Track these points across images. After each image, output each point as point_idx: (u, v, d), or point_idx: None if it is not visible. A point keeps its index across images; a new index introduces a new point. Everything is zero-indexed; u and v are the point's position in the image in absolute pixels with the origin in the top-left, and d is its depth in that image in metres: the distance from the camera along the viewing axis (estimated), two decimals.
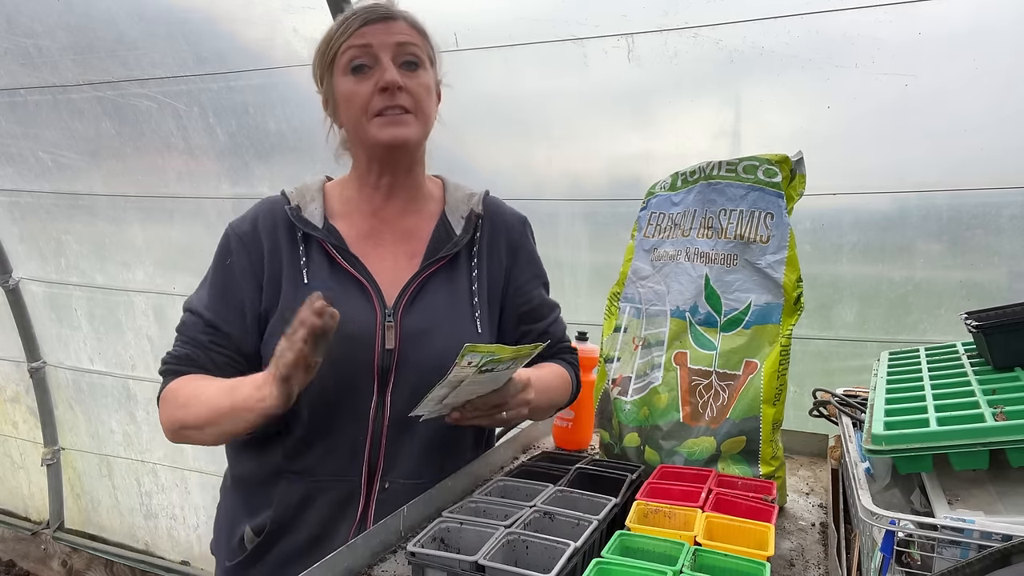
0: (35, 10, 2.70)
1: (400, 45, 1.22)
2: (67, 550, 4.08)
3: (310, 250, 1.28)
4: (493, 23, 2.19)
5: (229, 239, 1.30)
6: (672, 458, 1.24)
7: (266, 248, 1.27)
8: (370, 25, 1.22)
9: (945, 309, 2.04)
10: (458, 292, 1.33)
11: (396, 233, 1.34)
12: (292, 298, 1.23)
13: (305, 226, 1.27)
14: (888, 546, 0.85)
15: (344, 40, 1.22)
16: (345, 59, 1.22)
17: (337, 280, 1.26)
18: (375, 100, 1.21)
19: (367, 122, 1.22)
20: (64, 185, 3.26)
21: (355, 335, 1.22)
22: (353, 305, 1.24)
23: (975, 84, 1.83)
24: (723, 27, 1.96)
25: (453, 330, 1.29)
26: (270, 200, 1.34)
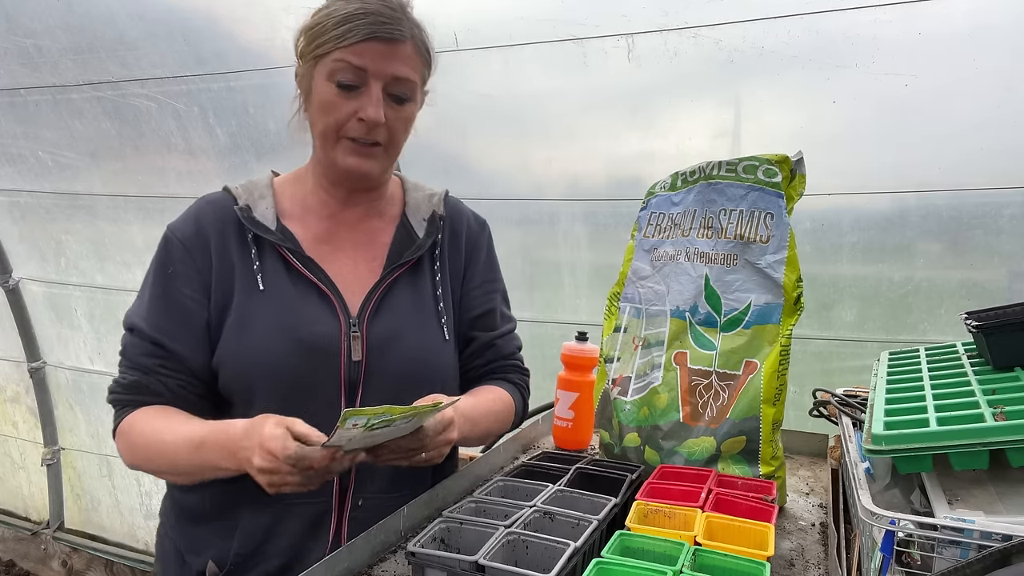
0: (35, 10, 2.70)
1: (396, 79, 1.13)
2: (67, 550, 4.08)
3: (263, 254, 1.18)
4: (493, 23, 2.19)
5: (170, 244, 1.18)
6: (672, 458, 1.24)
7: (214, 252, 1.17)
8: (373, 43, 1.09)
9: (945, 309, 2.04)
10: (423, 297, 1.27)
11: (355, 237, 1.26)
12: (246, 307, 1.15)
13: (257, 228, 1.17)
14: (888, 546, 0.85)
15: (339, 46, 1.09)
16: (333, 67, 1.11)
17: (296, 287, 1.17)
18: (351, 125, 1.13)
19: (335, 142, 1.15)
20: (64, 185, 3.26)
21: (319, 347, 1.15)
22: (315, 315, 1.17)
23: (975, 84, 1.83)
24: (723, 27, 1.97)
25: (421, 337, 1.24)
26: (213, 198, 1.23)
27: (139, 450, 1.13)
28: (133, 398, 1.15)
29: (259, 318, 1.14)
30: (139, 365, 1.15)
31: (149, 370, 1.14)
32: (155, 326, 1.15)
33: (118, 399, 1.17)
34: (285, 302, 1.16)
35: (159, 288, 1.17)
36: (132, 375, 1.15)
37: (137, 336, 1.16)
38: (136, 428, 1.14)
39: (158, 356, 1.14)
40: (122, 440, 1.16)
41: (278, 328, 1.14)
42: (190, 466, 1.09)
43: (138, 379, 1.15)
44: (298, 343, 1.14)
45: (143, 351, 1.15)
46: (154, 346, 1.14)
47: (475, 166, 2.58)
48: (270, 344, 1.13)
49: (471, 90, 2.34)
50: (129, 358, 1.16)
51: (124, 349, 1.18)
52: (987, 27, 1.80)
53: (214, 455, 1.05)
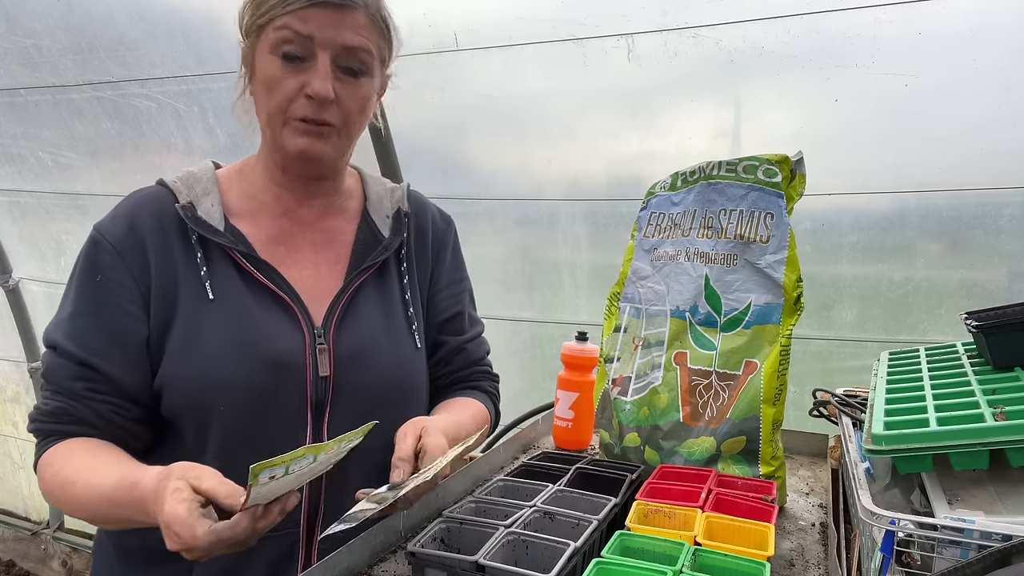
0: (35, 10, 2.70)
1: (348, 50, 1.00)
2: (67, 550, 4.08)
3: (210, 258, 1.04)
4: (493, 23, 2.19)
5: (98, 247, 1.03)
6: (672, 458, 1.24)
7: (152, 256, 1.03)
8: (320, 8, 0.97)
9: (945, 309, 2.04)
10: (391, 303, 1.16)
11: (313, 236, 1.14)
12: (194, 319, 1.02)
13: (202, 228, 1.03)
14: (888, 546, 0.85)
15: (281, 13, 0.97)
16: (275, 37, 0.98)
17: (251, 295, 1.04)
18: (298, 103, 1.00)
19: (282, 124, 1.02)
20: (64, 185, 3.26)
21: (282, 363, 1.03)
22: (275, 326, 1.04)
23: (975, 84, 1.83)
24: (723, 27, 1.97)
25: (393, 347, 1.14)
26: (146, 194, 1.08)
27: (55, 494, 0.99)
28: (57, 427, 1.00)
29: (211, 332, 1.01)
30: (64, 389, 1.00)
31: (75, 395, 0.99)
32: (82, 344, 1.00)
33: (40, 428, 1.01)
34: (240, 313, 1.03)
35: (86, 300, 1.02)
36: (56, 400, 1.00)
37: (61, 356, 1.00)
38: (51, 469, 0.98)
39: (86, 379, 0.99)
40: (41, 477, 1.01)
41: (234, 343, 1.01)
42: (109, 521, 0.97)
43: (62, 405, 0.99)
44: (259, 360, 1.01)
45: (69, 373, 0.99)
46: (81, 367, 0.99)
47: (475, 166, 2.58)
48: (226, 362, 1.00)
49: (471, 90, 2.34)
50: (53, 381, 1.01)
51: (46, 371, 1.02)
52: (987, 27, 1.80)
53: (128, 513, 0.91)
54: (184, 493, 0.81)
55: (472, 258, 1.44)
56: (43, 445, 1.01)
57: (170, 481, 0.83)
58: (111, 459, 0.98)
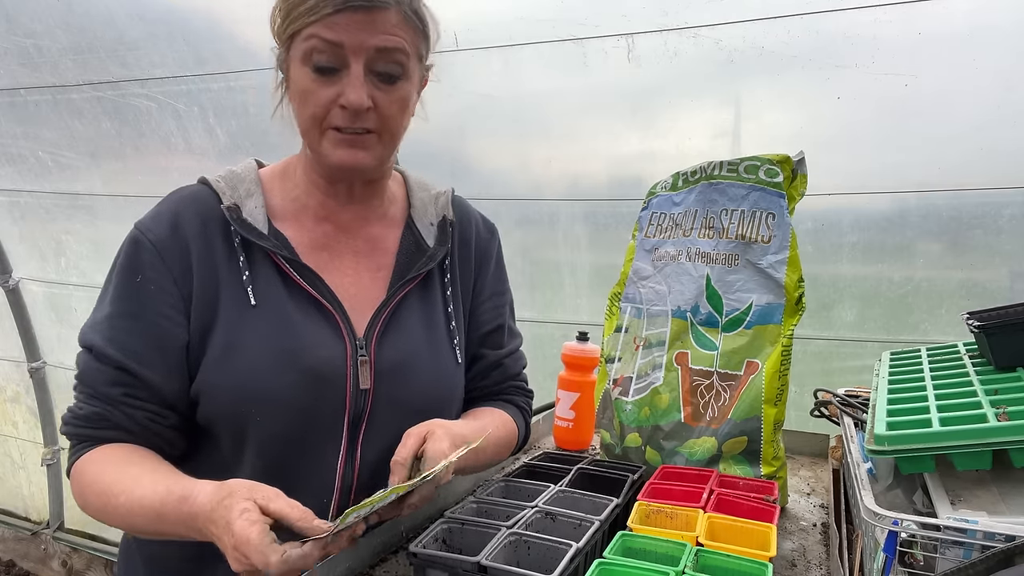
0: (35, 10, 2.70)
1: (381, 53, 0.95)
2: (67, 550, 4.07)
3: (253, 261, 1.01)
4: (493, 23, 2.19)
5: (140, 247, 0.99)
6: (673, 458, 1.24)
7: (195, 259, 0.99)
8: (349, 13, 0.92)
9: (946, 309, 2.04)
10: (434, 315, 1.13)
11: (356, 244, 1.10)
12: (236, 326, 0.99)
13: (247, 231, 1.00)
14: (891, 547, 0.85)
15: (309, 22, 0.93)
16: (306, 47, 0.94)
17: (294, 302, 1.02)
18: (334, 113, 0.96)
19: (319, 134, 0.99)
20: (64, 185, 3.26)
21: (324, 375, 1.00)
22: (318, 336, 1.01)
23: (975, 84, 1.83)
24: (723, 27, 1.97)
25: (433, 362, 1.10)
26: (190, 193, 1.04)
27: (92, 503, 0.97)
28: (93, 432, 0.98)
29: (252, 340, 0.98)
30: (100, 394, 0.97)
31: (112, 400, 0.97)
32: (121, 348, 0.97)
33: (74, 433, 0.99)
34: (283, 320, 1.00)
35: (126, 302, 0.98)
36: (91, 405, 0.97)
37: (97, 359, 0.98)
38: (88, 477, 0.96)
39: (123, 384, 0.97)
40: (75, 484, 0.99)
41: (277, 352, 0.99)
42: (152, 533, 0.93)
43: (99, 410, 0.97)
44: (300, 371, 0.99)
45: (106, 378, 0.97)
46: (119, 372, 0.97)
47: (475, 166, 2.58)
48: (267, 372, 0.98)
49: (471, 90, 2.33)
50: (89, 385, 0.98)
51: (82, 373, 0.99)
52: (987, 27, 1.80)
53: (177, 528, 0.88)
54: (254, 515, 0.79)
55: None
56: (78, 450, 0.99)
57: (235, 501, 0.80)
58: (153, 469, 0.95)
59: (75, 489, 0.99)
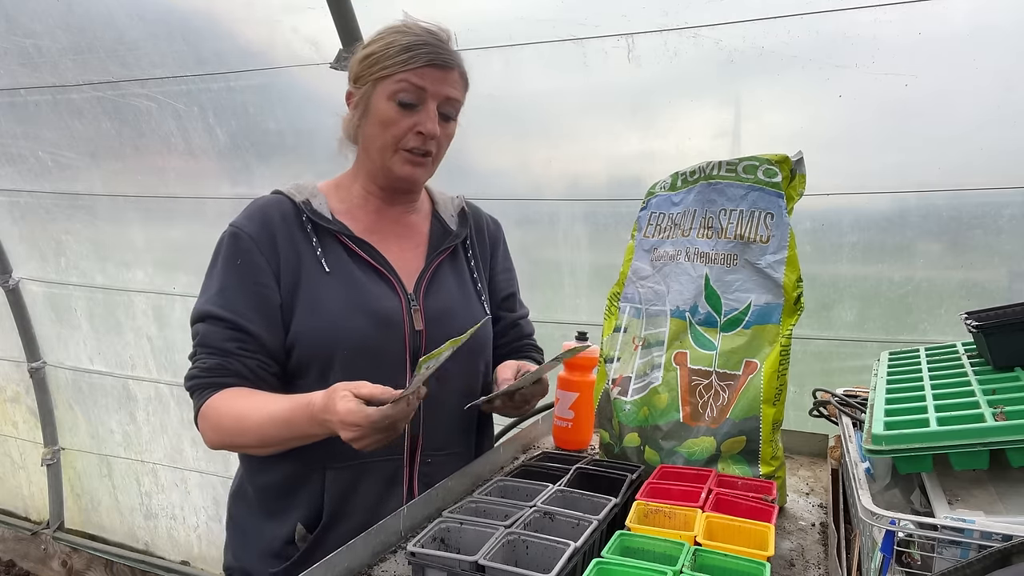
0: (35, 10, 2.70)
1: (447, 100, 1.30)
2: (67, 550, 4.08)
3: (323, 242, 1.32)
4: (493, 23, 2.19)
5: (238, 239, 1.29)
6: (672, 458, 1.24)
7: (280, 244, 1.29)
8: (432, 68, 1.27)
9: (945, 309, 2.04)
10: (463, 278, 1.46)
11: (397, 229, 1.42)
12: (316, 288, 1.28)
13: (318, 218, 1.31)
14: (888, 546, 0.85)
15: (403, 70, 1.26)
16: (396, 88, 1.26)
17: (358, 268, 1.32)
18: (409, 138, 1.29)
19: (392, 153, 1.30)
20: (64, 185, 3.26)
21: (387, 319, 1.30)
22: (379, 291, 1.32)
23: (975, 84, 1.83)
24: (723, 27, 1.97)
25: (468, 310, 1.42)
26: (271, 199, 1.35)
27: (226, 430, 1.23)
28: (214, 380, 1.23)
29: (330, 297, 1.28)
30: (220, 348, 1.24)
31: (229, 352, 1.24)
32: (233, 310, 1.24)
33: (198, 384, 1.25)
34: (351, 281, 1.30)
35: (231, 277, 1.27)
36: (212, 359, 1.24)
37: (213, 323, 1.25)
38: (221, 410, 1.22)
39: (237, 339, 1.24)
40: (206, 422, 1.25)
41: (350, 304, 1.28)
42: (280, 440, 1.20)
43: (219, 362, 1.23)
44: (369, 316, 1.28)
45: (223, 335, 1.24)
46: (233, 330, 1.24)
47: (475, 166, 2.58)
48: (345, 318, 1.27)
49: (471, 90, 2.33)
50: (208, 344, 1.25)
51: (202, 337, 1.25)
52: (987, 27, 1.80)
53: (303, 428, 1.16)
54: (349, 396, 1.08)
55: None
56: (202, 397, 1.24)
57: (336, 393, 1.10)
58: (273, 395, 1.23)
59: (206, 426, 1.25)
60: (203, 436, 1.28)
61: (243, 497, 1.40)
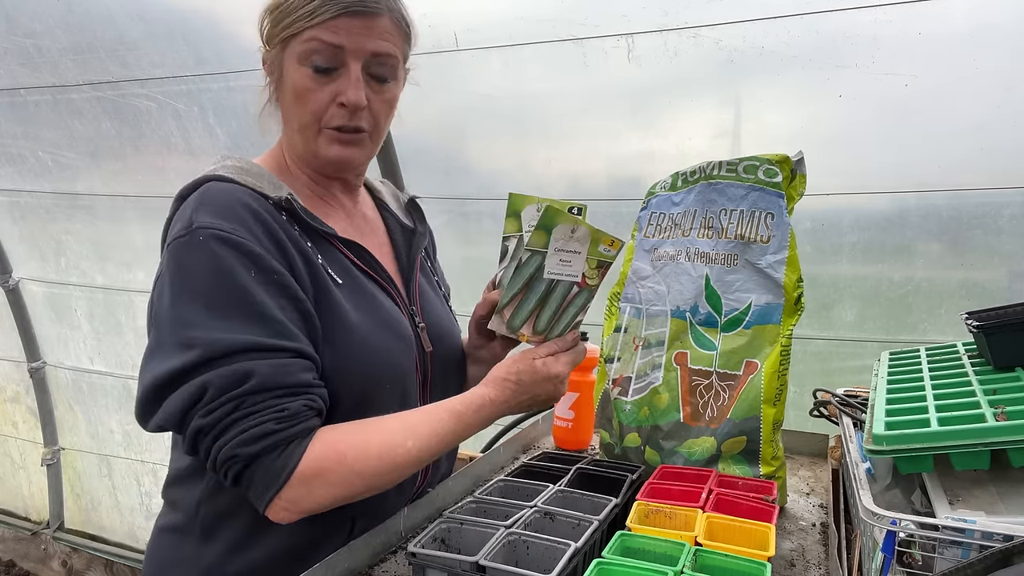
0: (35, 10, 2.70)
1: (376, 56, 1.02)
2: (67, 550, 4.08)
3: (316, 245, 1.04)
4: (493, 23, 2.19)
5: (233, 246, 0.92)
6: (672, 458, 1.24)
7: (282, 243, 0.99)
8: (347, 18, 0.98)
9: (945, 309, 2.04)
10: (433, 285, 1.28)
11: (358, 222, 1.18)
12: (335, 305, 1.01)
13: (311, 219, 1.04)
14: (889, 546, 0.85)
15: (310, 24, 0.98)
16: (305, 48, 0.99)
17: (364, 279, 1.08)
18: (331, 112, 1.02)
19: (316, 132, 1.04)
20: (64, 185, 3.26)
21: (408, 341, 1.10)
22: (391, 307, 1.10)
23: (975, 84, 1.83)
24: (723, 27, 1.97)
25: (453, 324, 1.27)
26: (228, 189, 0.99)
27: (371, 469, 0.94)
28: (300, 428, 0.91)
29: (358, 317, 1.02)
30: (299, 384, 0.92)
31: (311, 386, 0.94)
32: (290, 335, 0.93)
33: (279, 439, 0.89)
34: (367, 297, 1.06)
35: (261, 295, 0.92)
36: (294, 400, 0.91)
37: (273, 354, 0.90)
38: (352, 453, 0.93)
39: (309, 369, 0.95)
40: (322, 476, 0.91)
41: (379, 327, 1.05)
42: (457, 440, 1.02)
43: (305, 402, 0.92)
44: (400, 340, 1.08)
45: (296, 367, 0.92)
46: (303, 359, 0.94)
47: (475, 166, 2.58)
48: (382, 345, 1.04)
49: (471, 90, 2.34)
50: (277, 383, 0.90)
51: (262, 377, 0.88)
52: (987, 27, 1.80)
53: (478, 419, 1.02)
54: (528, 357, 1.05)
55: (472, 258, 1.46)
56: (288, 455, 0.89)
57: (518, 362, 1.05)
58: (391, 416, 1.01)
59: (321, 482, 0.91)
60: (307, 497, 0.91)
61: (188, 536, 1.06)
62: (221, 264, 0.91)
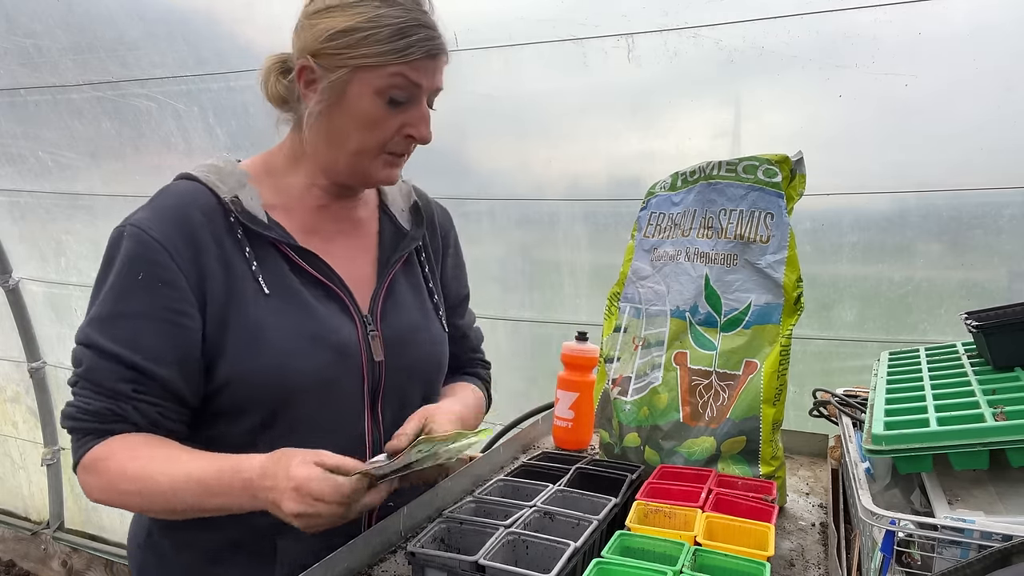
0: (35, 10, 2.70)
1: (438, 91, 1.09)
2: (67, 550, 4.08)
3: (258, 252, 1.05)
4: (493, 23, 2.19)
5: (144, 246, 0.99)
6: (672, 458, 1.24)
7: (204, 252, 1.01)
8: (430, 60, 1.04)
9: (945, 309, 2.04)
10: (420, 291, 1.24)
11: (342, 227, 1.17)
12: (256, 315, 1.02)
13: (252, 222, 1.04)
14: (888, 546, 0.85)
15: (399, 61, 1.01)
16: (387, 83, 1.02)
17: (305, 287, 1.07)
18: (396, 141, 1.07)
19: (373, 156, 1.08)
20: (64, 185, 3.26)
21: (346, 351, 1.08)
22: (333, 317, 1.08)
23: (975, 84, 1.83)
24: (723, 27, 1.96)
25: (428, 332, 1.22)
26: (186, 189, 1.06)
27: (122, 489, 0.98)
28: (101, 427, 0.99)
29: (275, 327, 1.03)
30: (109, 390, 0.98)
31: (122, 395, 0.98)
32: (130, 345, 0.98)
33: (82, 427, 1.00)
34: (299, 305, 1.06)
35: (133, 300, 0.99)
36: (100, 401, 0.98)
37: (105, 356, 0.98)
38: (116, 463, 0.98)
39: (133, 380, 0.98)
40: (92, 476, 1.00)
41: (301, 336, 1.04)
42: (193, 509, 0.97)
43: (108, 405, 0.98)
44: (324, 348, 1.05)
45: (117, 375, 0.98)
46: (130, 370, 0.98)
47: (475, 166, 2.58)
48: (300, 354, 1.03)
49: (471, 90, 2.33)
50: (94, 381, 0.99)
51: (87, 370, 0.99)
52: (987, 27, 1.80)
53: (228, 499, 0.94)
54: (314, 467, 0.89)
55: (472, 258, 1.46)
56: (84, 443, 1.00)
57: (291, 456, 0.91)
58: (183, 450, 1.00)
59: (91, 478, 1.00)
60: (85, 488, 1.02)
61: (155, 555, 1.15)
62: (122, 259, 1.00)
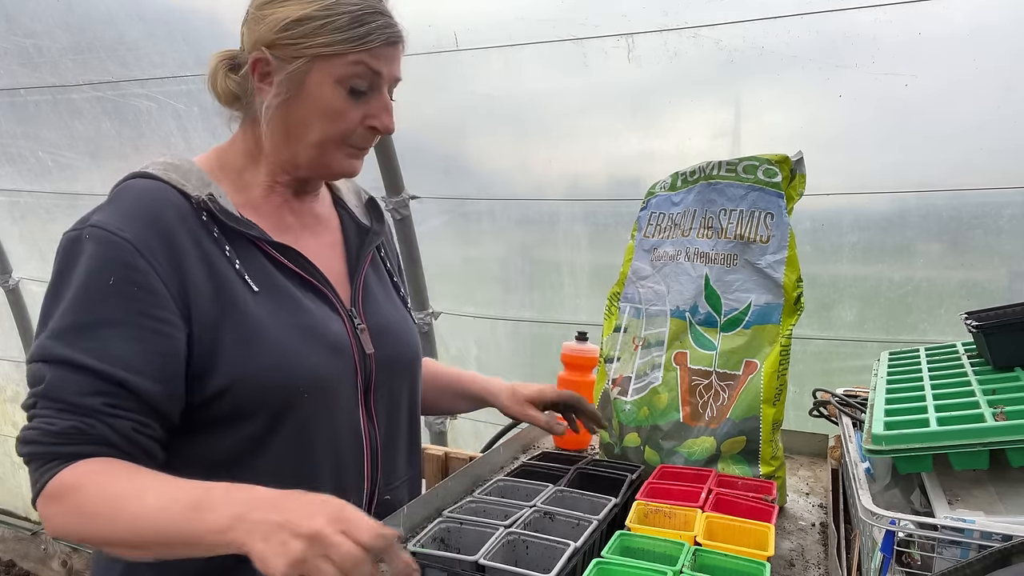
0: (35, 10, 2.70)
1: (397, 80, 1.07)
2: (67, 550, 4.08)
3: (237, 250, 1.00)
4: (493, 23, 2.19)
5: (112, 248, 0.91)
6: (672, 458, 1.24)
7: (182, 253, 0.95)
8: (389, 47, 1.02)
9: (945, 309, 2.04)
10: (387, 283, 1.23)
11: (306, 220, 1.14)
12: (248, 313, 0.97)
13: (230, 220, 0.99)
14: (888, 546, 0.85)
15: (359, 49, 0.99)
16: (348, 72, 0.99)
17: (290, 283, 1.04)
18: (359, 133, 1.04)
19: (335, 148, 1.04)
20: (64, 185, 3.26)
21: (339, 345, 1.05)
22: (322, 311, 1.06)
23: (975, 84, 1.83)
24: (723, 27, 1.97)
25: (404, 322, 1.20)
26: (152, 187, 0.99)
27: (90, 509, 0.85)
28: (68, 449, 0.88)
29: (271, 325, 0.98)
30: (76, 406, 0.87)
31: (91, 411, 0.88)
32: (101, 356, 0.88)
33: (45, 451, 0.88)
34: (290, 301, 1.02)
35: (102, 307, 0.90)
36: (65, 419, 0.87)
37: (71, 369, 0.88)
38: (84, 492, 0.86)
39: (104, 393, 0.88)
40: (57, 506, 0.87)
41: (301, 331, 1.01)
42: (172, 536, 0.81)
43: (75, 423, 0.87)
44: (323, 346, 1.02)
45: (82, 388, 0.87)
46: (100, 381, 0.88)
47: (475, 166, 2.58)
48: (302, 351, 1.00)
49: (471, 90, 2.34)
50: (58, 399, 0.88)
51: (48, 388, 0.89)
52: (987, 27, 1.80)
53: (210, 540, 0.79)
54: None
55: (472, 258, 1.45)
56: (48, 470, 0.88)
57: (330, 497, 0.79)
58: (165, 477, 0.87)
59: (55, 510, 0.88)
60: (48, 522, 0.89)
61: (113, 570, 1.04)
62: (88, 265, 0.91)
